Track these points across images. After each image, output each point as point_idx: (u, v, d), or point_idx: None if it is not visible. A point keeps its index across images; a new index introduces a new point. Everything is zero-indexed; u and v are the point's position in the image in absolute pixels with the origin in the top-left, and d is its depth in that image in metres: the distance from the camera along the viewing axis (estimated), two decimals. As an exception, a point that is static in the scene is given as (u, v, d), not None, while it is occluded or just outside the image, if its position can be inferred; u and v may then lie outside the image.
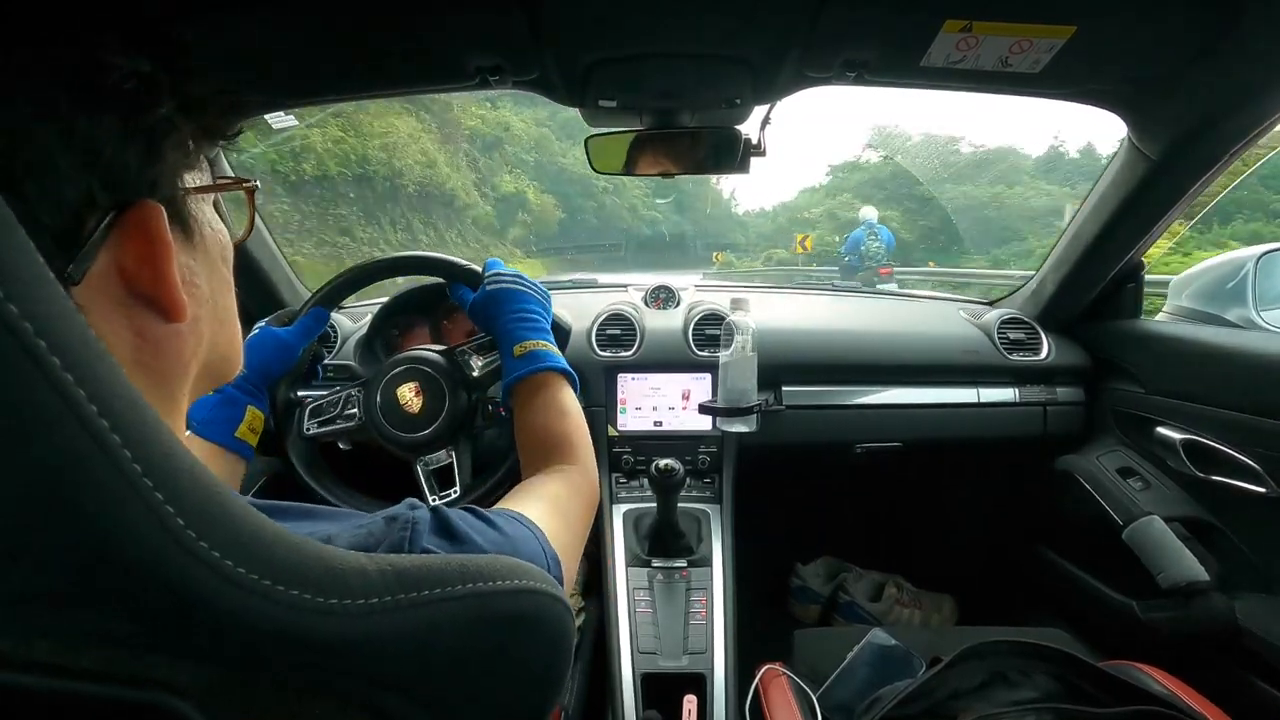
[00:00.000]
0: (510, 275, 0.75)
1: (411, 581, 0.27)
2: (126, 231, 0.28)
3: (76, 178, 0.26)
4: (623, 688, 0.90)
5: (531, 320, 0.71)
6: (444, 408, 0.79)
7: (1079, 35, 0.70)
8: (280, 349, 0.77)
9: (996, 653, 0.77)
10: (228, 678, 0.22)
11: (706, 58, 0.79)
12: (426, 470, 0.81)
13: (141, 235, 0.28)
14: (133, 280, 0.29)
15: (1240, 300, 1.14)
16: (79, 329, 0.19)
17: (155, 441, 0.20)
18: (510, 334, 0.70)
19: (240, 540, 0.22)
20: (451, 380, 0.80)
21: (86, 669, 0.19)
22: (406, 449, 0.81)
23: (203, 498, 0.21)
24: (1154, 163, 0.93)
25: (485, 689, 0.30)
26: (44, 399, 0.17)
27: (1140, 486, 1.09)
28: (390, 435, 0.80)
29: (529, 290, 0.74)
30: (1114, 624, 1.11)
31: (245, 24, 0.69)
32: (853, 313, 1.50)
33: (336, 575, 0.24)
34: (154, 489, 0.19)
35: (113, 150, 0.27)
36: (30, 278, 0.18)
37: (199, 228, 0.34)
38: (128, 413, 0.19)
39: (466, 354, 0.82)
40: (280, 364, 0.77)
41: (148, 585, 0.20)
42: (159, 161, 0.30)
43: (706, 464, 1.18)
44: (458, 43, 0.75)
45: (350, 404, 0.83)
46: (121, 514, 0.19)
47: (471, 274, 0.82)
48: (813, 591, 1.50)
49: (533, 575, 0.34)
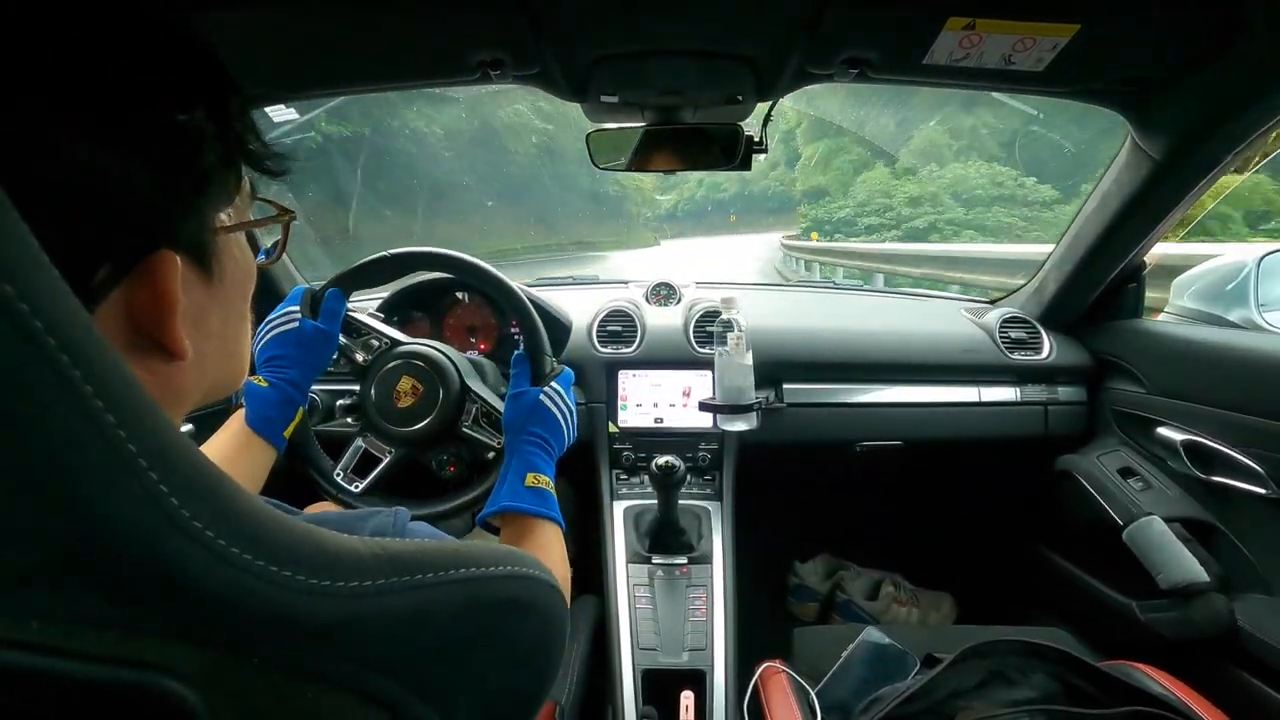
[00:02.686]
0: (566, 408, 0.73)
1: (405, 565, 0.27)
2: (139, 279, 0.28)
3: (95, 219, 0.25)
4: (622, 684, 0.91)
5: (547, 452, 0.70)
6: (438, 402, 0.81)
7: (1082, 33, 0.70)
8: (327, 345, 0.75)
9: (996, 652, 0.77)
10: (220, 659, 0.22)
11: (709, 55, 0.78)
12: (434, 469, 0.85)
13: (149, 286, 0.28)
14: (138, 323, 0.28)
15: (1242, 301, 1.13)
16: (75, 311, 0.19)
17: (150, 423, 0.20)
18: (527, 456, 0.68)
19: (233, 520, 0.22)
20: (446, 374, 0.82)
21: (78, 649, 0.19)
22: (403, 443, 0.83)
23: (197, 479, 0.21)
24: (1157, 162, 0.93)
25: (477, 674, 0.30)
26: (39, 378, 0.17)
27: (1140, 487, 1.09)
28: (385, 430, 0.82)
29: (567, 427, 0.73)
30: (1113, 624, 1.11)
31: (246, 17, 0.68)
32: (854, 311, 1.50)
33: (330, 556, 0.24)
34: (148, 469, 0.19)
35: (140, 198, 0.27)
36: (26, 259, 0.18)
37: (221, 266, 0.33)
38: (123, 394, 0.19)
39: (473, 402, 0.83)
40: (326, 360, 0.76)
41: (140, 565, 0.20)
42: (189, 214, 0.29)
43: (707, 461, 1.18)
44: (459, 37, 0.75)
45: (351, 397, 0.86)
46: (115, 494, 0.19)
47: (542, 365, 0.77)
48: (810, 589, 1.50)
49: (526, 562, 0.34)
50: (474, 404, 0.83)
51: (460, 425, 0.83)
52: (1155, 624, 1.00)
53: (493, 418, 0.83)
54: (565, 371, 0.76)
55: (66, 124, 0.24)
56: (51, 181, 0.24)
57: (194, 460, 0.21)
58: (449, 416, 0.82)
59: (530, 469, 0.67)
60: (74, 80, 0.24)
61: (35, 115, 0.23)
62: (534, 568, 0.34)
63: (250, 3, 0.66)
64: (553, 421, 0.71)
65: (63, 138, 0.24)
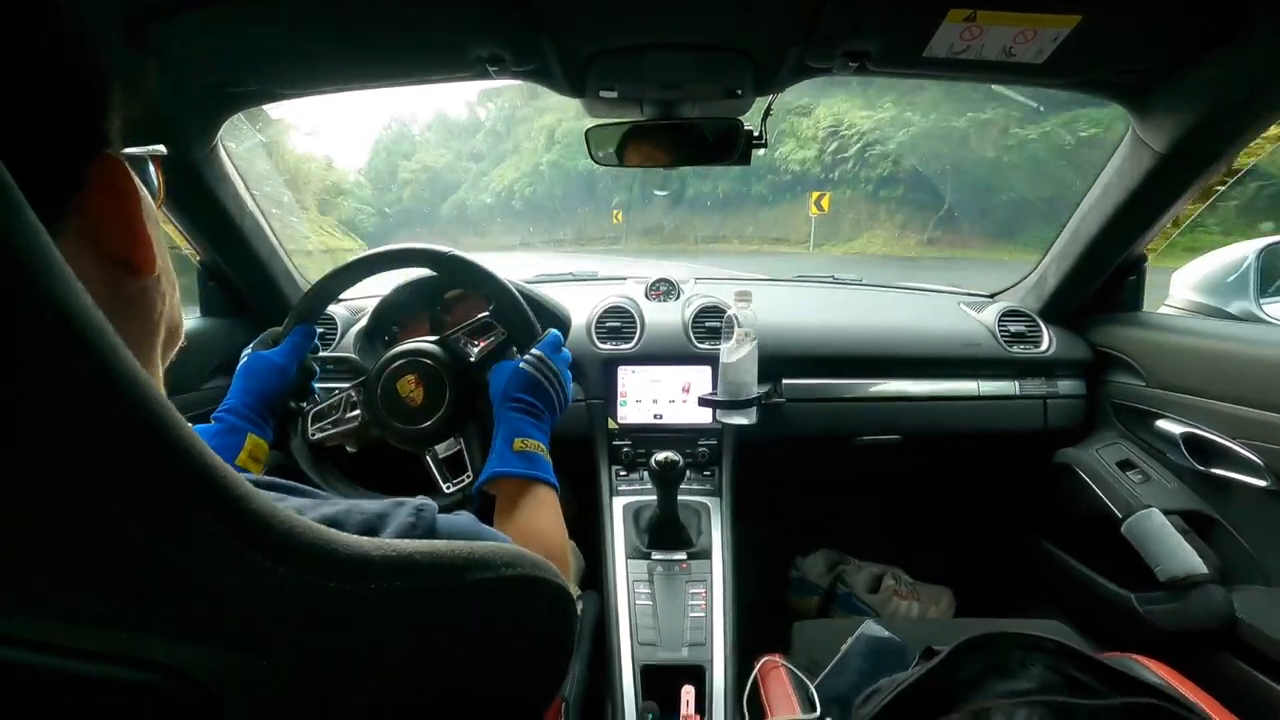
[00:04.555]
0: (550, 372, 0.72)
1: (413, 566, 0.27)
2: (94, 189, 0.27)
3: (35, 131, 0.25)
4: (622, 679, 0.91)
5: (537, 416, 0.70)
6: (445, 396, 0.78)
7: (1083, 25, 0.69)
8: (274, 373, 0.76)
9: (994, 644, 0.77)
10: (229, 658, 0.22)
11: (708, 49, 0.78)
12: (436, 460, 0.81)
13: (106, 190, 0.28)
14: (104, 235, 0.28)
15: (1242, 293, 1.13)
16: (79, 299, 0.18)
17: (158, 418, 0.20)
18: (513, 422, 0.68)
19: (241, 518, 0.21)
20: (449, 368, 0.79)
21: (87, 648, 0.19)
22: (414, 441, 0.80)
23: (202, 475, 0.21)
24: (1159, 155, 0.92)
25: (484, 676, 0.30)
26: (45, 368, 0.17)
27: (1140, 479, 1.09)
28: (396, 429, 0.79)
29: (555, 390, 0.72)
30: (1112, 616, 1.11)
31: (243, 14, 0.68)
32: (853, 305, 1.50)
33: (338, 556, 0.24)
34: (157, 466, 0.19)
35: (72, 104, 0.26)
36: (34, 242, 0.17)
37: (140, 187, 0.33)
38: (133, 391, 0.19)
39: (460, 339, 0.81)
40: (277, 388, 0.76)
41: (146, 563, 0.19)
42: (111, 113, 0.29)
43: (706, 456, 1.18)
44: (458, 32, 0.75)
45: (351, 405, 0.82)
46: (123, 492, 0.19)
47: (529, 333, 0.76)
48: (811, 583, 1.51)
49: (536, 564, 0.33)
50: (477, 376, 0.81)
51: (465, 420, 0.81)
52: (1154, 616, 1.01)
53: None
54: (549, 335, 0.75)
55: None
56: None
57: (203, 457, 0.21)
58: (454, 411, 0.79)
59: (516, 434, 0.67)
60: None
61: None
62: (543, 570, 0.34)
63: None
64: (535, 385, 0.71)
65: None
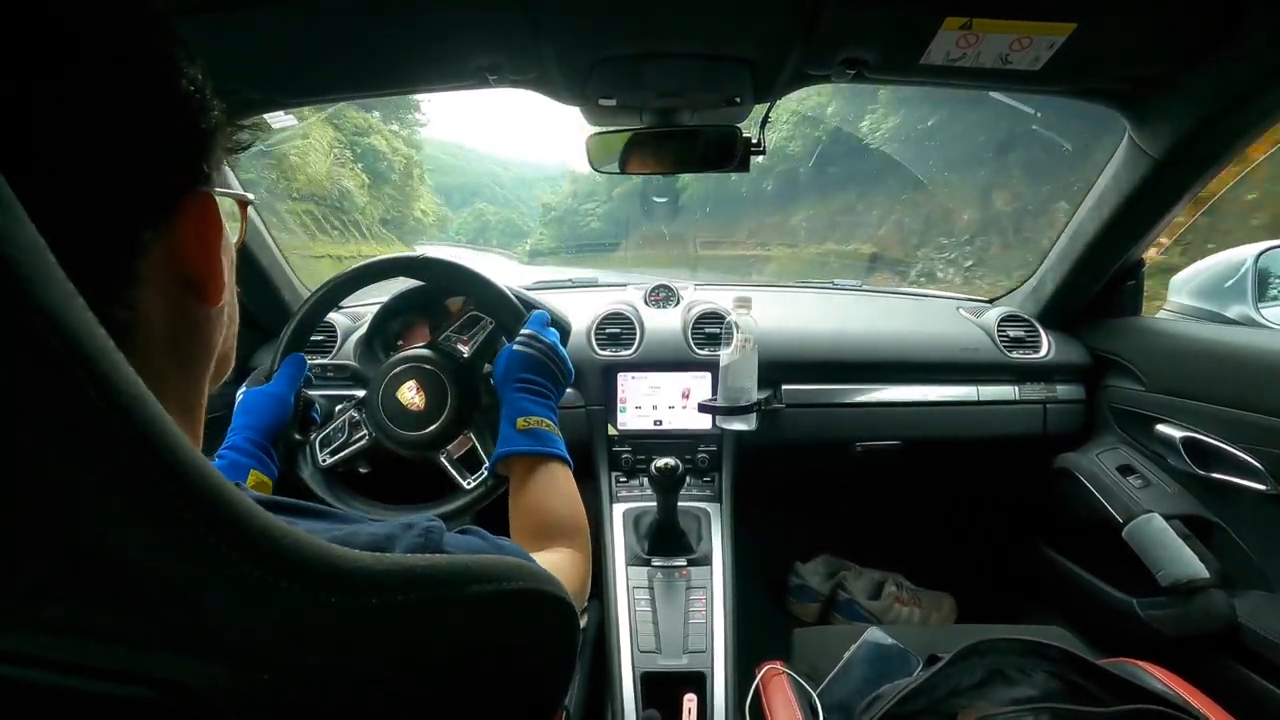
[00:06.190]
0: (543, 346, 0.73)
1: (417, 581, 0.27)
2: (186, 214, 0.30)
3: (150, 164, 0.28)
4: (622, 687, 0.91)
5: (540, 394, 0.70)
6: (447, 397, 0.78)
7: (1079, 32, 0.70)
8: (274, 404, 0.76)
9: (996, 650, 0.77)
10: (232, 673, 0.22)
11: (707, 57, 0.79)
12: (451, 460, 0.81)
13: (200, 217, 0.30)
14: (184, 260, 0.30)
15: (1240, 297, 1.13)
16: (81, 313, 0.18)
17: (160, 434, 0.20)
18: (516, 403, 0.68)
19: (246, 536, 0.21)
20: (445, 369, 0.79)
21: (91, 666, 0.19)
22: (423, 446, 0.80)
23: (208, 492, 0.21)
24: (1155, 160, 0.93)
25: (486, 689, 0.30)
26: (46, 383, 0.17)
27: (1140, 484, 1.09)
28: (403, 438, 0.79)
29: (553, 363, 0.73)
30: (1114, 622, 1.11)
31: (245, 22, 0.68)
32: (852, 310, 1.50)
33: (341, 571, 0.24)
34: (162, 483, 0.19)
35: (180, 143, 0.30)
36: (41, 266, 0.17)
37: (223, 222, 0.35)
38: (134, 407, 0.19)
39: (450, 339, 0.82)
40: (278, 419, 0.76)
41: (152, 580, 0.19)
42: (212, 157, 0.32)
43: (706, 462, 1.18)
44: (458, 41, 0.75)
45: (355, 426, 0.82)
46: (128, 508, 0.19)
47: (514, 315, 0.78)
48: (812, 590, 1.50)
49: (539, 578, 0.33)
50: (475, 373, 0.82)
51: (471, 415, 0.81)
52: (1156, 621, 1.00)
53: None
54: (534, 314, 0.76)
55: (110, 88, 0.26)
56: (97, 138, 0.25)
57: (207, 475, 0.21)
58: (458, 410, 0.79)
59: (519, 414, 0.67)
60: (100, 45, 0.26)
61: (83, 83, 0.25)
62: (547, 584, 0.34)
63: (248, 7, 0.66)
64: (533, 363, 0.71)
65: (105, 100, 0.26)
